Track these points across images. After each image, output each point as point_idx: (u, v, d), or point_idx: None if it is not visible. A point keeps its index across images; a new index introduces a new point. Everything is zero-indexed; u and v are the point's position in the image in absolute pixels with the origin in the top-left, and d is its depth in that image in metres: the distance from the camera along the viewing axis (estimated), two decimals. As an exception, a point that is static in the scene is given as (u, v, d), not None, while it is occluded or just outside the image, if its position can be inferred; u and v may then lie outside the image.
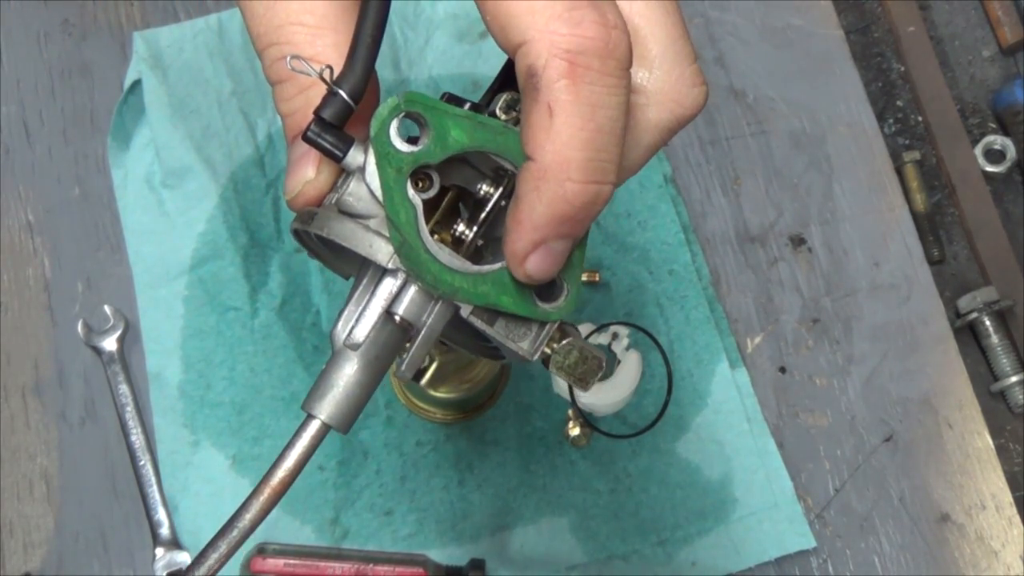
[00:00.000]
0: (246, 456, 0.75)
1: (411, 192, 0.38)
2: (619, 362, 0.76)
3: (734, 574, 0.74)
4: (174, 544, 0.73)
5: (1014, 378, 0.79)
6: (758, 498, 0.75)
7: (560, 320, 0.42)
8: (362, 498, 0.74)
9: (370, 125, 0.38)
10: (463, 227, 0.41)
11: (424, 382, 0.69)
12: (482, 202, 0.41)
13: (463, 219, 0.42)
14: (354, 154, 0.39)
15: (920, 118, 0.87)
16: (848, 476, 0.76)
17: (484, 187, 0.41)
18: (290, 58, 0.39)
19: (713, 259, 0.81)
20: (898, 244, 0.81)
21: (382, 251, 0.39)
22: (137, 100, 0.81)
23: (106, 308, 0.77)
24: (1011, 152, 0.85)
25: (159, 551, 0.73)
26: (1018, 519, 0.75)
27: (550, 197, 0.37)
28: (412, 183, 0.39)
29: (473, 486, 0.75)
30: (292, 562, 0.69)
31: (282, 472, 0.39)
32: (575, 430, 0.75)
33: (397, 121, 0.38)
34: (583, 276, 0.78)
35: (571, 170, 0.36)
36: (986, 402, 0.79)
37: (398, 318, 0.40)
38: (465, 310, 0.40)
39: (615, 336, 0.76)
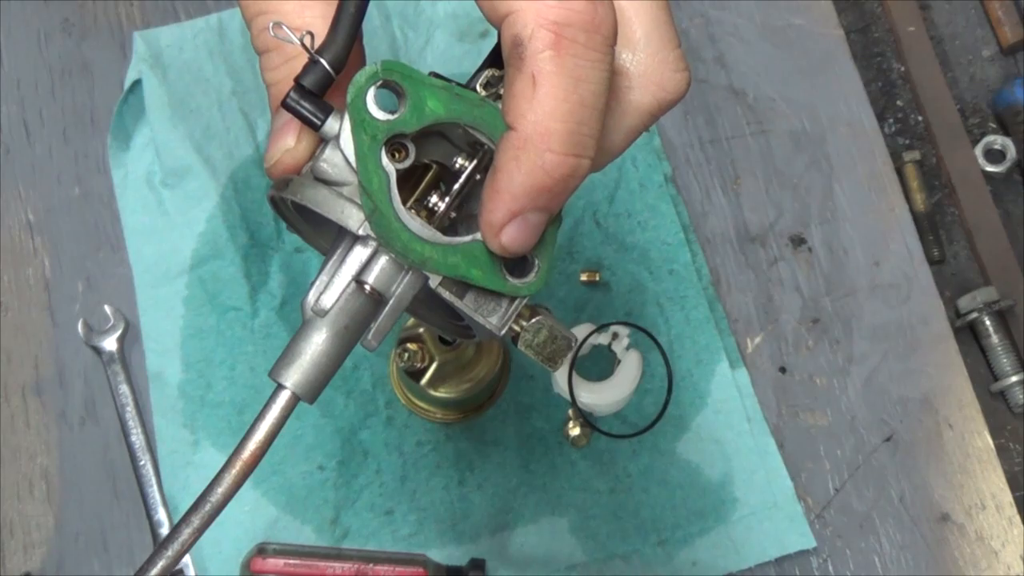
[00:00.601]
0: (246, 456, 0.75)
1: (385, 160, 0.39)
2: (619, 362, 0.76)
3: (734, 574, 0.74)
4: (174, 544, 0.73)
5: (1014, 378, 0.79)
6: (758, 498, 0.75)
7: (529, 296, 0.42)
8: (362, 498, 0.74)
9: (347, 92, 0.38)
10: (435, 198, 0.41)
11: (424, 382, 0.69)
12: (457, 175, 0.41)
13: (438, 192, 0.42)
14: (332, 123, 0.39)
15: (920, 118, 0.87)
16: (848, 476, 0.76)
17: (460, 160, 0.41)
18: (272, 24, 0.39)
19: (713, 259, 0.80)
20: (898, 244, 0.81)
21: (353, 217, 0.39)
22: (137, 100, 0.81)
23: (106, 308, 0.77)
24: (1011, 152, 0.85)
25: (159, 551, 0.73)
26: (1018, 519, 0.75)
27: (529, 167, 0.37)
28: (388, 153, 0.39)
29: (473, 486, 0.75)
30: (292, 562, 0.69)
31: (253, 444, 0.39)
32: (575, 430, 0.75)
33: (374, 88, 0.38)
34: (583, 276, 0.78)
35: (552, 141, 0.36)
36: (986, 402, 0.79)
37: (368, 287, 0.40)
38: (434, 281, 0.40)
39: (615, 336, 0.76)
